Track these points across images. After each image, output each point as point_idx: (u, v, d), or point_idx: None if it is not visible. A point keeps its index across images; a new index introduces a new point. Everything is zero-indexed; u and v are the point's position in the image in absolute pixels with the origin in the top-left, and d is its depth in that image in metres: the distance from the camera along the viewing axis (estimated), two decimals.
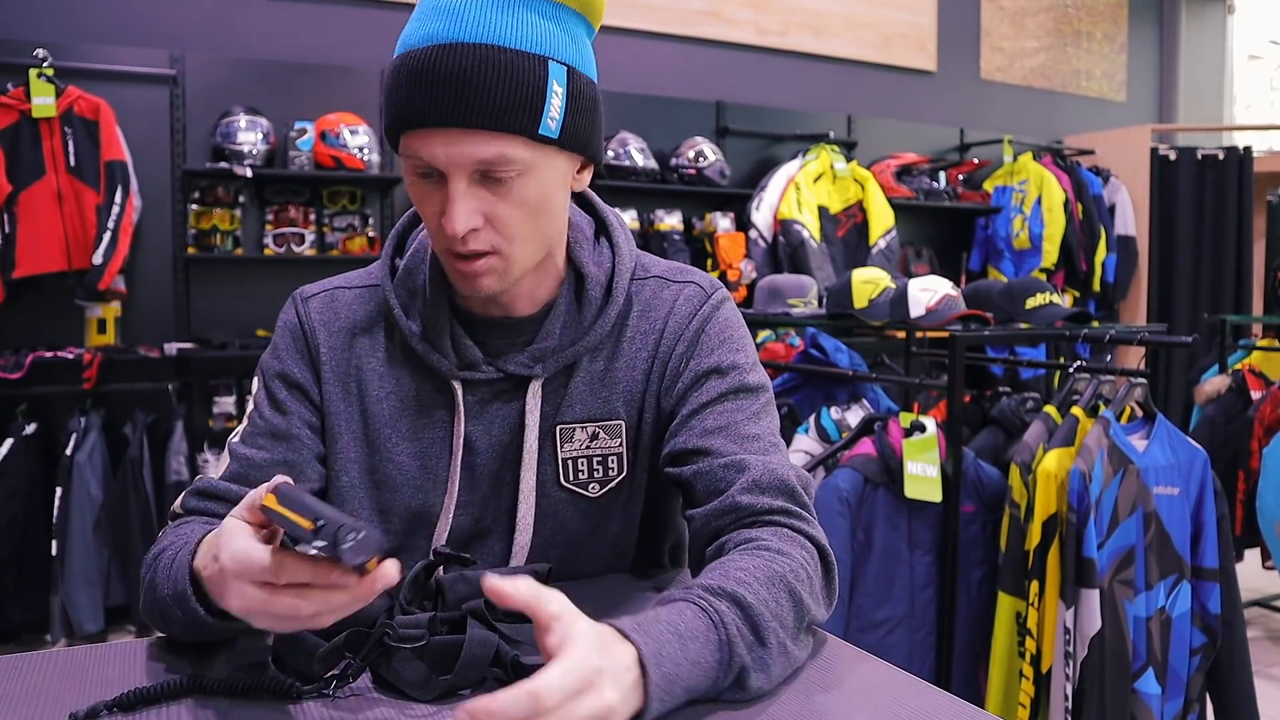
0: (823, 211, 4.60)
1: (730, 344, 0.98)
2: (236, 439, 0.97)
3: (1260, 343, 3.68)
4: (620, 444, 0.99)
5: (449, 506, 0.97)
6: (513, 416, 0.97)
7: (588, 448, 0.98)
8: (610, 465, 0.99)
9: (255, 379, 1.00)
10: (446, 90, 0.81)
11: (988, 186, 5.44)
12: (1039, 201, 5.24)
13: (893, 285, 2.56)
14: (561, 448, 0.97)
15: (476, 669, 0.75)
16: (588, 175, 0.94)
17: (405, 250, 1.01)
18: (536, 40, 0.83)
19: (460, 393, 0.96)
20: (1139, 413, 2.08)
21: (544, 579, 0.88)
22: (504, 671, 0.76)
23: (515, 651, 0.77)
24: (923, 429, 2.08)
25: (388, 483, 0.97)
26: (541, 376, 0.96)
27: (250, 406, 0.99)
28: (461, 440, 0.96)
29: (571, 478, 0.98)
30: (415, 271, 0.97)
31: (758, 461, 0.90)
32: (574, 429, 0.97)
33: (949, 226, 5.44)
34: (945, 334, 2.33)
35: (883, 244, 4.67)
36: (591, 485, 0.98)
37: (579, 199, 1.04)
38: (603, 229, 1.02)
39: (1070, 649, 1.88)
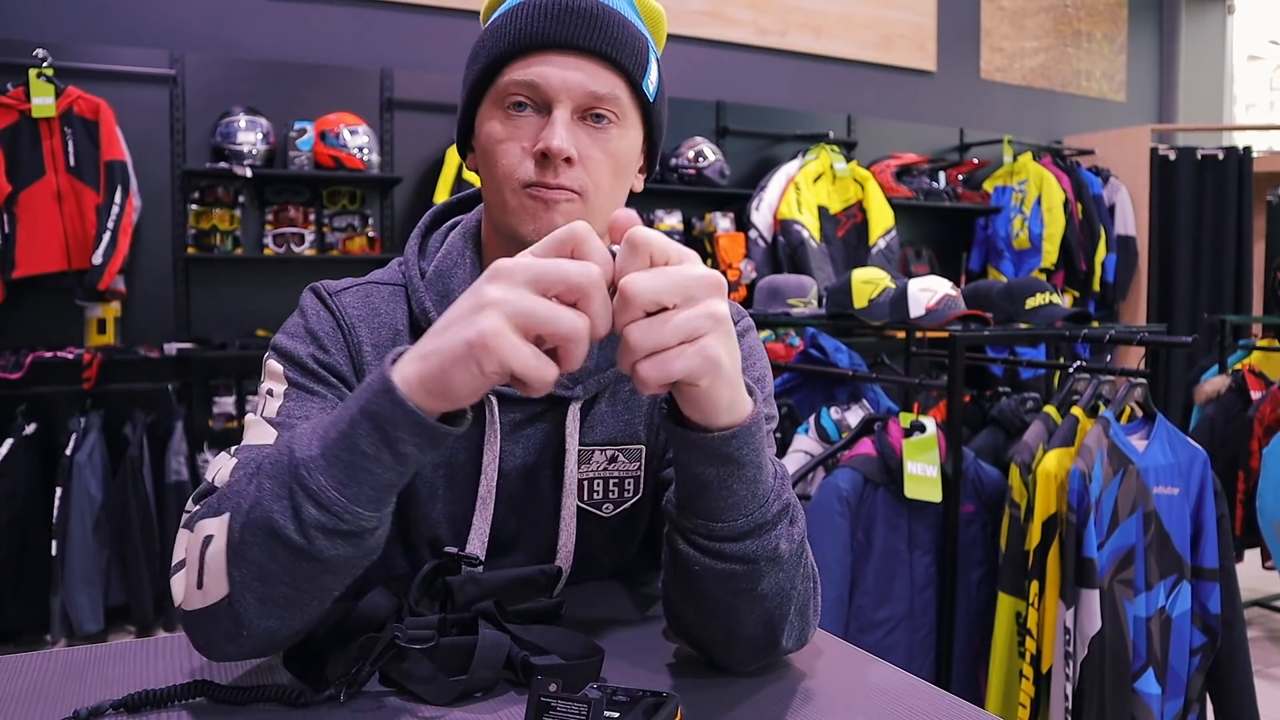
0: (822, 211, 4.60)
1: (749, 373, 0.94)
2: (273, 414, 0.83)
3: (1260, 343, 3.68)
4: (639, 467, 0.97)
5: (481, 529, 0.93)
6: (539, 437, 0.94)
7: (605, 469, 0.96)
8: (626, 487, 0.97)
9: (276, 361, 0.88)
10: (577, 17, 0.84)
11: (987, 186, 5.45)
12: (1039, 201, 5.24)
13: (893, 285, 2.57)
14: (579, 468, 0.95)
15: (490, 669, 0.75)
16: (642, 180, 0.95)
17: (428, 253, 0.97)
18: (640, 25, 0.91)
19: (497, 410, 0.92)
20: (1139, 413, 2.08)
21: (554, 580, 0.88)
22: (514, 673, 0.77)
23: (525, 652, 0.77)
24: (923, 429, 2.08)
25: (414, 496, 0.93)
26: (581, 399, 0.93)
27: (280, 385, 0.86)
28: (496, 460, 0.92)
29: (586, 498, 0.96)
30: (448, 276, 0.93)
31: None
32: (593, 451, 0.95)
33: (949, 226, 5.45)
34: (945, 334, 2.33)
35: (882, 244, 4.67)
36: (605, 505, 0.96)
37: None
38: None
39: (1070, 649, 1.88)
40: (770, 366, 1.02)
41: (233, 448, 0.81)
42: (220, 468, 0.78)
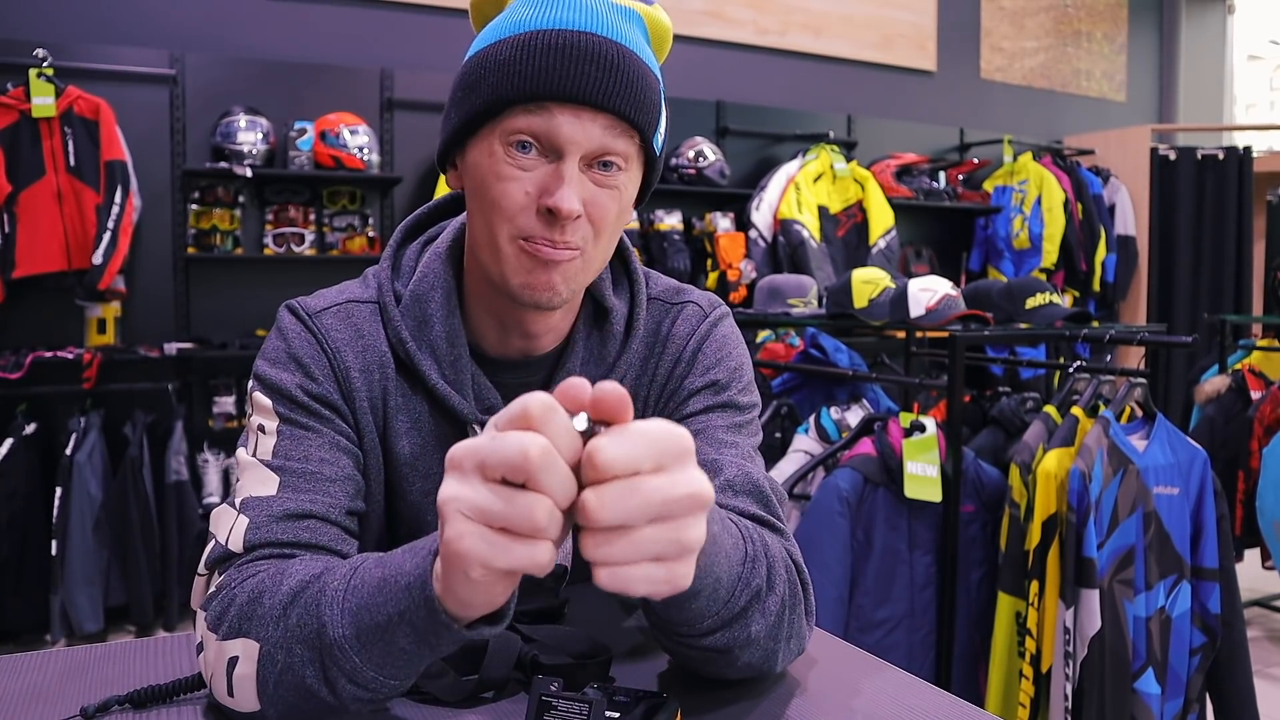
0: (823, 211, 4.60)
1: (725, 363, 0.94)
2: (268, 455, 0.81)
3: (1260, 343, 3.68)
4: None
5: None
6: None
7: None
8: None
9: (263, 394, 0.84)
10: (593, 67, 0.77)
11: (988, 186, 5.45)
12: (1039, 201, 5.24)
13: (893, 285, 2.56)
14: None
15: (501, 668, 0.76)
16: (628, 217, 0.91)
17: (402, 271, 0.93)
18: (653, 65, 0.83)
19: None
20: (1139, 413, 2.08)
21: (560, 579, 0.88)
22: (524, 672, 0.77)
23: (534, 651, 0.77)
24: (923, 429, 2.08)
25: (403, 522, 0.92)
26: None
27: (272, 421, 0.83)
28: None
29: None
30: (425, 300, 0.89)
31: (732, 463, 0.85)
32: None
33: (949, 226, 5.45)
34: (945, 334, 2.33)
35: (883, 244, 4.67)
36: None
37: None
38: (618, 255, 0.98)
39: (1070, 649, 1.88)
40: (750, 358, 0.99)
41: (236, 499, 0.79)
42: (230, 526, 0.77)
